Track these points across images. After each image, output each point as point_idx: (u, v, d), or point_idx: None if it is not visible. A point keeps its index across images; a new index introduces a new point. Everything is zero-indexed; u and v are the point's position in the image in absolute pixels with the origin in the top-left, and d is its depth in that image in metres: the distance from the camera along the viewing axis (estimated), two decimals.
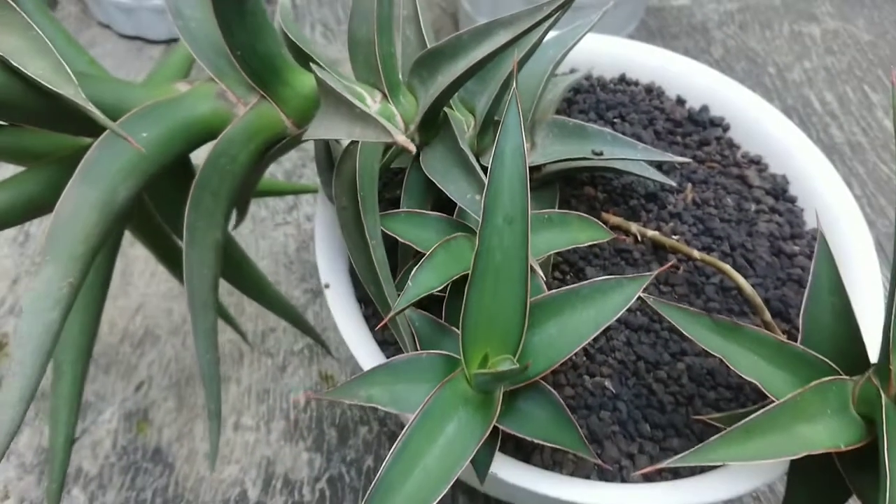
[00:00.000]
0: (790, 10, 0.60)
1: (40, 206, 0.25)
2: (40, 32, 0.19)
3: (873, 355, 0.20)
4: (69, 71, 0.18)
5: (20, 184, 0.25)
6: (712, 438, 0.17)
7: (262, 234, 0.43)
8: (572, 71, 0.31)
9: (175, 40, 0.52)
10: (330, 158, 0.25)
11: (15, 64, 0.18)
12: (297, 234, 0.43)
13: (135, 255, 0.41)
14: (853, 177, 0.48)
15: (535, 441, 0.20)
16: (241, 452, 0.35)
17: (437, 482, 0.17)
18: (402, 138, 0.14)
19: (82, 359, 0.24)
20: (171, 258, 0.30)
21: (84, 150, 0.25)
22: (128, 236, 0.41)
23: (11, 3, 0.20)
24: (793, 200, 0.29)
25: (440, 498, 0.17)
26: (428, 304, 0.22)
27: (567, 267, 0.26)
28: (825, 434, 0.18)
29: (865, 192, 0.47)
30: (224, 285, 0.37)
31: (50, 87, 0.18)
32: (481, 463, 0.20)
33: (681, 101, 0.32)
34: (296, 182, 0.46)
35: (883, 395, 0.18)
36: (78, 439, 0.35)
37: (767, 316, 0.24)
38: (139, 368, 0.37)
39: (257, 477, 0.34)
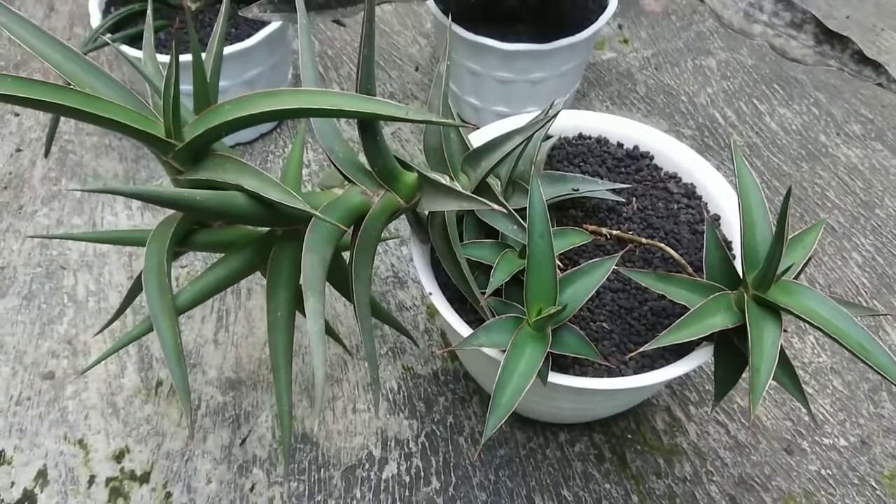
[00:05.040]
0: (691, 50, 0.78)
1: (241, 274, 0.41)
2: (269, 175, 0.35)
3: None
4: (295, 194, 0.34)
5: (228, 263, 0.40)
6: (663, 332, 0.34)
7: None
8: (548, 137, 0.48)
9: (256, 139, 0.68)
10: (418, 218, 0.41)
11: (263, 195, 0.34)
12: None
13: (251, 306, 0.56)
14: (754, 169, 0.65)
15: (571, 356, 0.36)
16: (361, 427, 0.50)
17: (526, 378, 0.33)
18: (497, 206, 0.30)
19: (289, 361, 0.39)
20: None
21: (260, 238, 0.41)
22: (245, 292, 0.56)
23: (243, 160, 0.35)
24: (700, 198, 0.46)
25: (518, 400, 0.33)
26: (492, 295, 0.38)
27: (567, 261, 0.43)
28: (720, 320, 0.34)
29: (764, 179, 0.65)
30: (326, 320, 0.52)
31: (289, 204, 0.33)
32: (543, 374, 0.36)
33: (620, 145, 0.49)
34: None
35: (746, 296, 0.34)
36: (247, 438, 0.50)
37: (690, 270, 0.40)
38: None
39: (377, 441, 0.49)
